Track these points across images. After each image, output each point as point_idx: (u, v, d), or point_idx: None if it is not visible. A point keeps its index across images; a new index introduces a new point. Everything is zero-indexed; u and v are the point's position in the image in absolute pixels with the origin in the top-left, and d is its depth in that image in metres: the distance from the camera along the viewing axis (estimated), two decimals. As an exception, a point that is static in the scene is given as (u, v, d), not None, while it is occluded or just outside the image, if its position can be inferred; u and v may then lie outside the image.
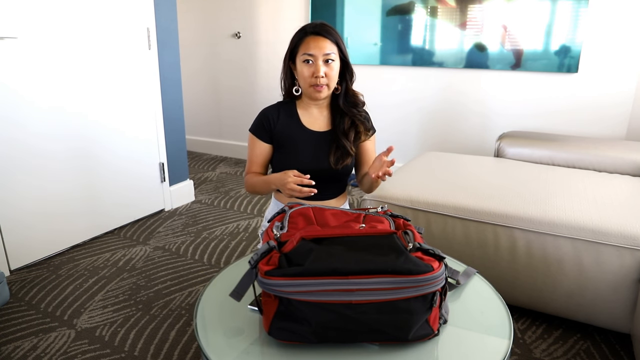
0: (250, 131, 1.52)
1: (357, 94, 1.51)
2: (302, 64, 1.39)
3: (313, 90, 1.41)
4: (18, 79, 2.02)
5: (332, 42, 1.39)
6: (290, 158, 1.48)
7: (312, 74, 1.38)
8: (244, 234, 2.52)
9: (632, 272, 1.49)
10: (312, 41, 1.38)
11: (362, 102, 1.50)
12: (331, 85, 1.42)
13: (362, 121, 1.48)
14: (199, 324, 1.00)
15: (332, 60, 1.39)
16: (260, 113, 1.52)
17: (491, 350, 0.92)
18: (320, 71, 1.37)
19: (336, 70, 1.41)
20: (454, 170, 2.13)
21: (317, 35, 1.38)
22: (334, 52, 1.39)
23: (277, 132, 1.48)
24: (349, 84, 1.48)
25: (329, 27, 1.40)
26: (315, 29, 1.40)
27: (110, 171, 2.49)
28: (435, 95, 3.18)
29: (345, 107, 1.47)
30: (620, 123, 2.70)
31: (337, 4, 3.31)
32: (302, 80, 1.42)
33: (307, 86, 1.41)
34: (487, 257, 1.70)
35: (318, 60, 1.37)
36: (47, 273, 2.10)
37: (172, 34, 2.74)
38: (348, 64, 1.45)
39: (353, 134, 1.48)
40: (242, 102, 3.97)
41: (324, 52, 1.37)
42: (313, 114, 1.50)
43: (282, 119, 1.49)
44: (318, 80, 1.38)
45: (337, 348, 0.91)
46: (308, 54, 1.38)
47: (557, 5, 2.68)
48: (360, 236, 0.96)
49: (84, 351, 1.60)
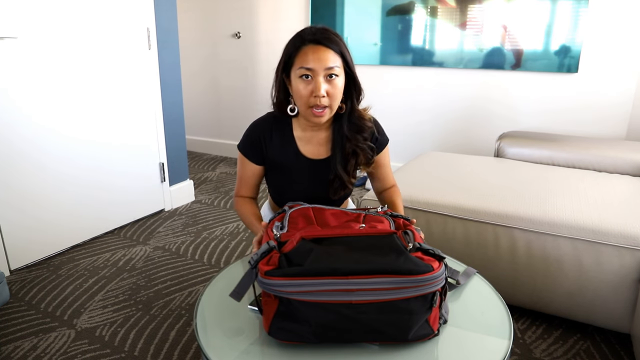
0: (239, 149, 1.32)
1: (363, 115, 1.26)
2: (299, 79, 1.14)
3: (311, 114, 1.16)
4: (18, 78, 2.02)
5: (335, 52, 1.14)
6: (284, 183, 1.34)
7: (311, 93, 1.13)
8: (244, 234, 2.52)
9: (632, 272, 1.49)
10: (311, 52, 1.13)
11: (368, 127, 1.26)
12: (334, 106, 1.17)
13: (365, 151, 1.26)
14: (199, 324, 1.00)
15: (336, 75, 1.14)
16: (249, 129, 1.29)
17: (491, 350, 0.92)
18: (320, 89, 1.12)
19: (340, 88, 1.16)
20: (454, 170, 2.13)
21: (318, 45, 1.13)
22: (338, 65, 1.14)
23: (269, 155, 1.29)
24: (355, 103, 1.24)
25: (332, 33, 1.16)
26: (315, 36, 1.14)
27: (110, 171, 2.49)
28: (435, 95, 3.18)
29: (349, 132, 1.24)
30: (620, 123, 2.70)
31: (337, 4, 3.31)
32: (298, 99, 1.16)
33: (304, 107, 1.16)
34: (487, 257, 1.70)
35: (318, 76, 1.12)
36: (47, 273, 2.10)
37: (172, 34, 2.74)
38: (355, 79, 1.20)
39: (353, 164, 1.27)
40: (242, 102, 3.97)
41: (325, 66, 1.12)
42: (311, 138, 1.27)
43: (275, 140, 1.27)
44: (318, 100, 1.13)
45: (337, 348, 0.91)
46: (306, 67, 1.12)
47: (557, 5, 2.68)
48: (360, 236, 0.96)
49: (84, 351, 1.59)
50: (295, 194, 1.29)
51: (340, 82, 1.16)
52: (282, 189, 1.35)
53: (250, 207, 1.36)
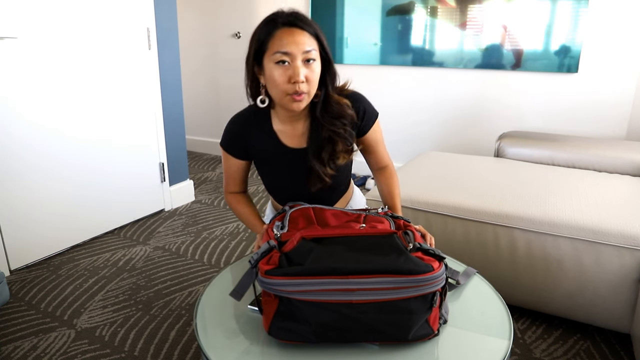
0: (221, 146, 1.27)
1: (340, 100, 1.16)
2: (274, 66, 1.06)
3: (290, 100, 1.07)
4: (18, 79, 2.02)
5: (311, 35, 1.07)
6: (271, 177, 1.30)
7: (289, 79, 1.05)
8: (244, 234, 2.52)
9: (632, 272, 1.49)
10: (286, 35, 1.04)
11: (349, 114, 1.17)
12: (312, 92, 1.10)
13: (343, 137, 1.17)
14: (199, 324, 1.00)
15: (314, 59, 1.07)
16: (229, 125, 1.24)
17: (491, 350, 0.92)
18: (300, 75, 1.04)
19: (318, 73, 1.10)
20: (454, 170, 2.13)
21: (293, 27, 1.06)
22: (315, 49, 1.07)
23: (251, 148, 1.24)
24: (329, 89, 1.15)
25: (304, 16, 1.09)
26: (289, 18, 1.07)
27: (110, 171, 2.49)
28: (435, 95, 3.18)
29: (323, 118, 1.15)
30: (620, 123, 2.70)
31: (337, 4, 3.31)
32: (274, 88, 1.08)
33: (281, 95, 1.08)
34: (487, 257, 1.70)
35: (296, 61, 1.05)
36: (47, 273, 2.10)
37: (172, 34, 2.74)
38: (331, 63, 1.13)
39: (327, 154, 1.17)
40: (242, 102, 3.92)
41: (303, 50, 1.04)
42: (291, 129, 1.21)
43: (255, 134, 1.21)
44: (297, 86, 1.05)
45: (337, 348, 0.91)
46: (282, 52, 1.04)
47: (557, 5, 2.68)
48: (361, 236, 0.96)
49: (84, 351, 1.59)
50: (282, 188, 1.29)
51: (318, 66, 1.10)
52: (272, 183, 1.33)
53: (247, 207, 1.33)
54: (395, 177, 1.35)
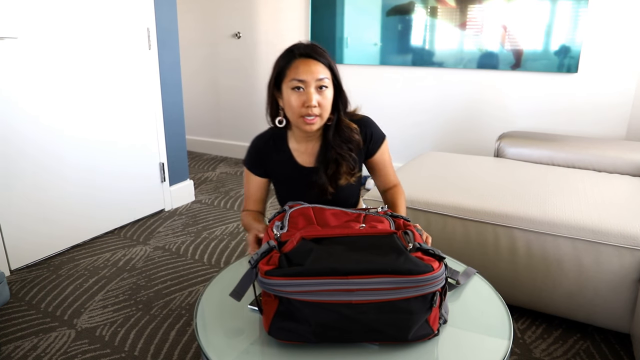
0: (244, 164, 1.40)
1: (351, 126, 1.31)
2: (291, 91, 1.20)
3: (303, 122, 1.21)
4: (18, 79, 2.02)
5: (325, 65, 1.22)
6: (286, 193, 1.39)
7: (303, 104, 1.19)
8: (244, 234, 2.52)
9: (632, 272, 1.49)
10: (302, 65, 1.20)
11: (355, 139, 1.31)
12: (324, 116, 1.23)
13: (347, 160, 1.30)
14: (199, 324, 1.00)
15: (326, 87, 1.21)
16: (251, 144, 1.38)
17: (491, 350, 0.92)
18: (312, 100, 1.18)
19: (330, 99, 1.23)
20: (454, 170, 2.13)
21: (308, 58, 1.21)
22: (328, 77, 1.22)
23: (270, 166, 1.37)
24: (341, 114, 1.29)
25: (320, 48, 1.24)
26: (305, 50, 1.22)
27: (111, 171, 2.49)
28: (435, 95, 3.18)
29: (334, 140, 1.29)
30: (620, 123, 2.70)
31: (337, 4, 3.31)
32: (290, 111, 1.23)
33: (295, 117, 1.22)
34: (487, 257, 1.70)
35: (310, 87, 1.19)
36: (47, 273, 2.10)
37: (172, 34, 2.74)
38: (342, 91, 1.28)
39: (333, 170, 1.30)
40: (242, 102, 3.97)
41: (316, 78, 1.19)
42: (305, 149, 1.34)
43: (274, 152, 1.35)
44: (310, 110, 1.19)
45: (337, 348, 0.91)
46: (298, 79, 1.19)
47: (557, 5, 2.68)
48: (361, 236, 0.96)
49: (84, 351, 1.60)
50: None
51: (330, 93, 1.23)
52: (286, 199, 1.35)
53: (253, 214, 1.40)
54: (403, 195, 1.41)
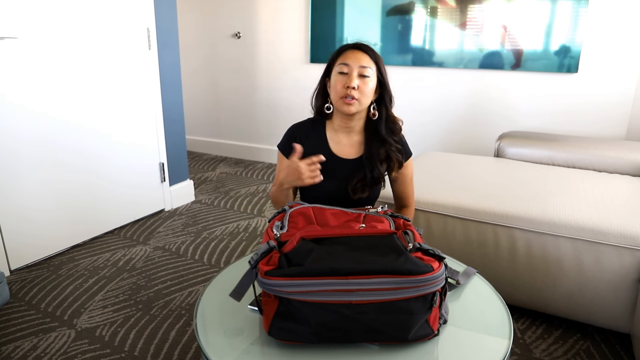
0: (278, 148, 1.45)
1: (397, 120, 1.41)
2: (337, 75, 1.32)
3: (342, 103, 1.31)
4: (18, 79, 2.02)
5: (370, 58, 1.33)
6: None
7: (344, 84, 1.29)
8: (244, 234, 2.52)
9: (632, 272, 1.49)
10: (350, 52, 1.33)
11: (400, 129, 1.41)
12: (362, 102, 1.31)
13: (396, 153, 1.38)
14: (199, 324, 1.00)
15: (367, 76, 1.30)
16: (289, 130, 1.45)
17: (491, 350, 0.92)
18: (353, 82, 1.28)
19: (370, 88, 1.32)
20: (454, 170, 2.13)
21: (357, 49, 1.34)
22: (371, 68, 1.31)
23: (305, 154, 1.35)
24: (389, 109, 1.39)
25: (369, 46, 1.36)
26: (355, 43, 1.36)
27: (111, 171, 2.49)
28: (434, 95, 3.18)
29: (387, 134, 1.37)
30: (620, 123, 2.70)
31: (337, 4, 3.31)
32: (333, 91, 1.33)
33: (337, 98, 1.32)
34: (487, 257, 1.70)
35: (353, 72, 1.29)
36: (47, 273, 2.10)
37: (172, 34, 2.74)
38: (387, 88, 1.37)
39: (384, 167, 1.38)
40: (242, 102, 3.97)
41: (360, 64, 1.30)
42: (342, 139, 1.41)
43: (310, 139, 1.40)
44: (349, 91, 1.28)
45: (337, 348, 0.91)
46: (344, 63, 1.31)
47: (557, 5, 2.68)
48: (360, 236, 0.96)
49: (84, 351, 1.60)
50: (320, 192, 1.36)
51: (371, 83, 1.32)
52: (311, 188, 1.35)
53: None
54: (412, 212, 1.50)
